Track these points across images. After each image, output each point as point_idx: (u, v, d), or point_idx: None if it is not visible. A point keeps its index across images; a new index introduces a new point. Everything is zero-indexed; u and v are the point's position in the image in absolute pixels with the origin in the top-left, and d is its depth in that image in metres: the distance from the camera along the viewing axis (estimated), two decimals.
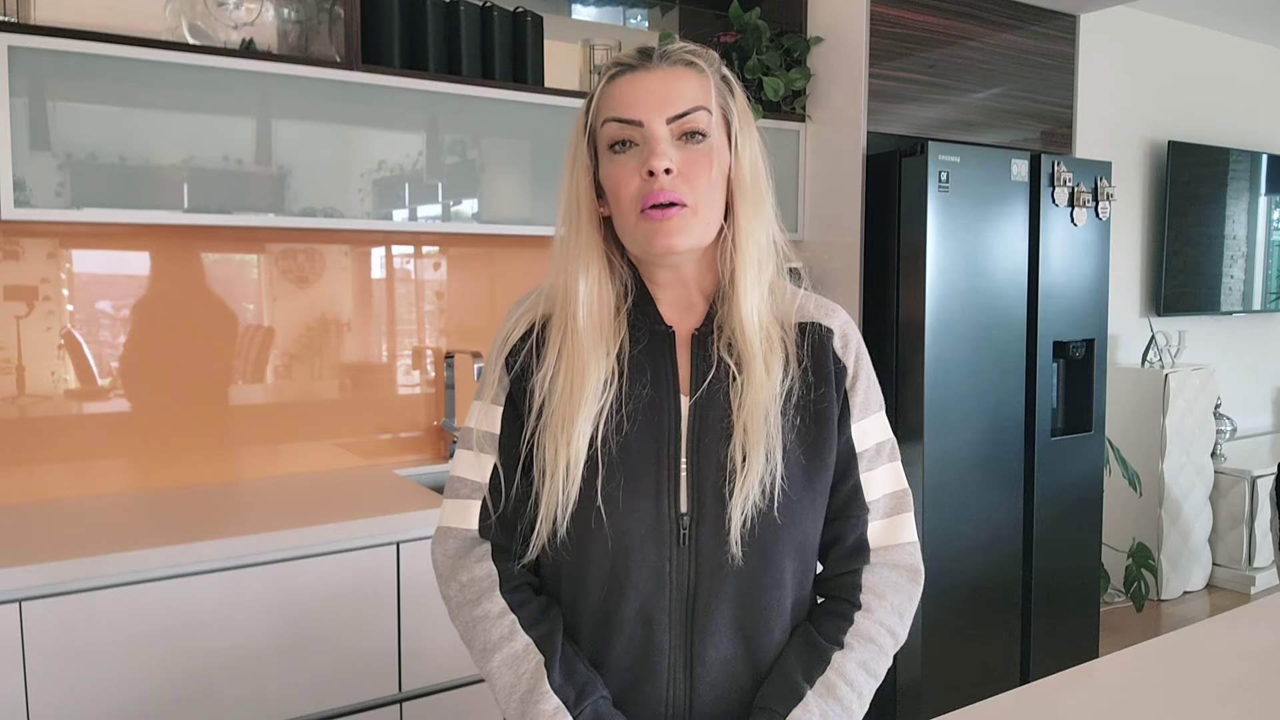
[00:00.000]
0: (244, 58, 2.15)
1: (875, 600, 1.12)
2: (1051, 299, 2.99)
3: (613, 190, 1.06)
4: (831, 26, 2.93)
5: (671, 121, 1.04)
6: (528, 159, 2.60)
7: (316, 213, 2.26)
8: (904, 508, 1.16)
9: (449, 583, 1.13)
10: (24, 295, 2.19)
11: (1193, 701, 1.29)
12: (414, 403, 2.71)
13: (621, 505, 1.05)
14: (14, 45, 1.89)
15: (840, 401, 1.12)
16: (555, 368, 1.07)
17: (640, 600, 1.06)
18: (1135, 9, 4.17)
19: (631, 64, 1.06)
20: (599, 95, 1.07)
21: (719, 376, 1.08)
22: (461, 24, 2.44)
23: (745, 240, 1.07)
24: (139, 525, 2.05)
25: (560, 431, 1.05)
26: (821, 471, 1.10)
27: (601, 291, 1.08)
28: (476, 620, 1.09)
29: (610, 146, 1.05)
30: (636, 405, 1.07)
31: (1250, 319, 5.03)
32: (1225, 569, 4.53)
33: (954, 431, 2.81)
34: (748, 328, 1.07)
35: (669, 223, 1.02)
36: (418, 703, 2.09)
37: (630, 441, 1.06)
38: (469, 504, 1.13)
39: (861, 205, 2.86)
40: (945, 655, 2.87)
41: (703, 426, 1.07)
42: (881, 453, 1.15)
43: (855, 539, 1.13)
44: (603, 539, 1.05)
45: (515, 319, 1.14)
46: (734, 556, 1.04)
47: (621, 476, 1.05)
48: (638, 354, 1.09)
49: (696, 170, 1.04)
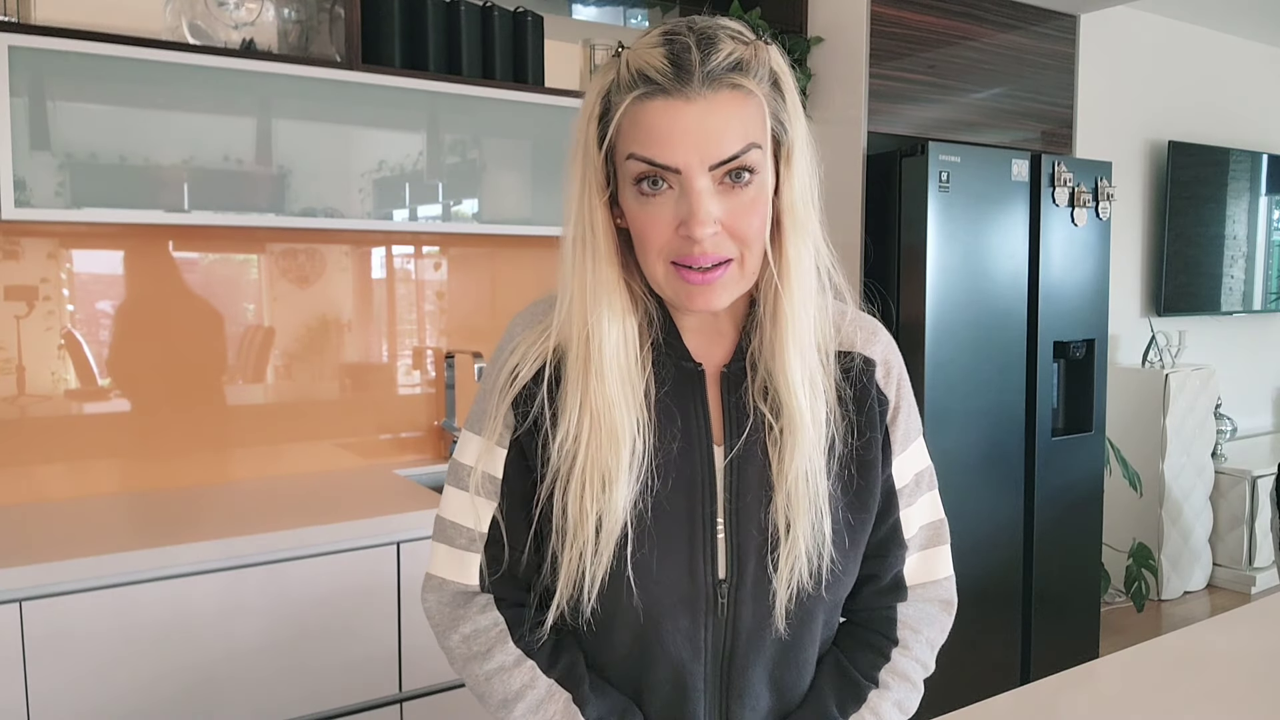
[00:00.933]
0: (244, 58, 2.15)
1: (912, 636, 1.06)
2: (1052, 299, 2.99)
3: (637, 233, 0.90)
4: (832, 27, 2.93)
5: (716, 168, 0.86)
6: (528, 159, 2.60)
7: (317, 213, 2.26)
8: (940, 539, 1.09)
9: (449, 635, 1.02)
10: (24, 295, 2.19)
11: (1193, 702, 1.29)
12: (414, 403, 2.71)
13: (654, 572, 0.94)
14: (14, 45, 1.89)
15: (882, 438, 1.02)
16: (579, 422, 0.93)
17: (673, 667, 0.97)
18: (1135, 9, 4.17)
19: (664, 85, 0.86)
20: (622, 115, 0.88)
21: (756, 428, 0.96)
22: (462, 24, 2.44)
23: (794, 277, 0.93)
24: (139, 525, 2.05)
25: (589, 496, 0.92)
26: (865, 524, 1.01)
27: (626, 330, 0.94)
28: (491, 675, 0.98)
29: (635, 182, 0.88)
30: (667, 459, 0.95)
31: (1251, 319, 5.03)
32: (1226, 569, 4.53)
33: (954, 431, 2.81)
34: (791, 375, 0.94)
35: (711, 285, 0.89)
36: (418, 703, 2.09)
37: (662, 501, 0.94)
38: (466, 556, 1.01)
39: (862, 205, 2.86)
40: (945, 655, 2.85)
41: (741, 484, 0.96)
42: (921, 484, 1.07)
43: (892, 578, 1.06)
44: (632, 609, 0.95)
45: (523, 351, 0.99)
46: (779, 631, 0.96)
47: (654, 542, 0.94)
48: (664, 396, 0.97)
49: (745, 220, 0.88)
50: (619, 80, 0.89)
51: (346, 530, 2.00)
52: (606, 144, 0.90)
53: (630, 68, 0.88)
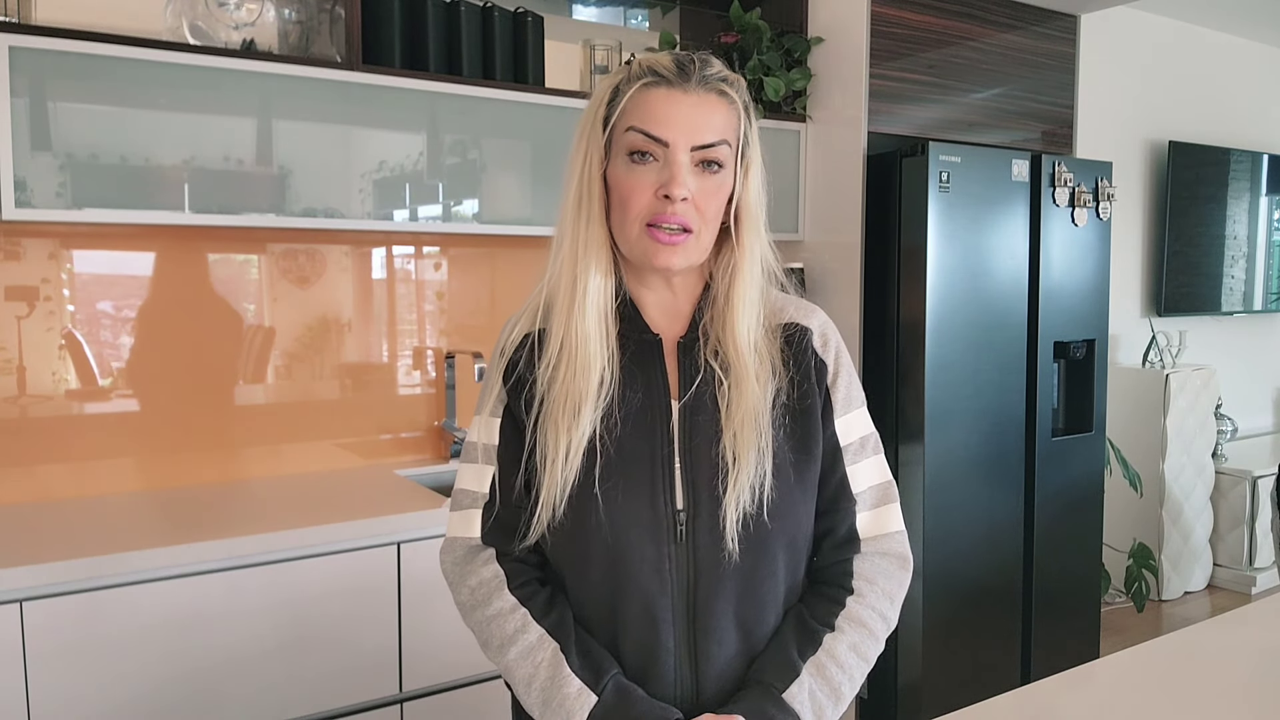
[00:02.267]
0: (245, 58, 2.15)
1: (867, 585, 1.16)
2: (1052, 299, 2.99)
3: (621, 196, 1.09)
4: (832, 27, 2.93)
5: (695, 150, 1.07)
6: (528, 159, 2.60)
7: (317, 213, 2.27)
8: (890, 498, 1.21)
9: (459, 588, 1.16)
10: (25, 295, 2.19)
11: (1193, 702, 1.29)
12: (414, 403, 2.71)
13: (619, 501, 1.08)
14: (14, 45, 1.89)
15: (822, 397, 1.16)
16: (558, 359, 1.10)
17: (643, 598, 1.09)
18: (1135, 9, 4.17)
19: (668, 77, 1.07)
20: (628, 99, 1.08)
21: (706, 381, 1.12)
22: (462, 24, 2.44)
23: (747, 263, 1.13)
24: (140, 525, 2.05)
25: (562, 418, 1.08)
26: (809, 465, 1.14)
27: (606, 282, 1.12)
28: (489, 619, 1.12)
29: (629, 153, 1.08)
30: (629, 409, 1.11)
31: (1251, 319, 5.03)
32: (1226, 569, 4.52)
33: (954, 432, 2.81)
34: (742, 343, 1.11)
35: (674, 246, 1.07)
36: (418, 703, 2.09)
37: (625, 441, 1.10)
38: (471, 513, 1.17)
39: (862, 205, 2.86)
40: (945, 655, 2.86)
41: (693, 428, 1.11)
42: (866, 446, 1.19)
43: (846, 530, 1.18)
44: (601, 534, 1.08)
45: (511, 330, 1.17)
46: (730, 553, 1.08)
47: (619, 474, 1.09)
48: (628, 361, 1.13)
49: (708, 200, 1.08)
50: (630, 74, 1.10)
51: (346, 530, 2.00)
52: (610, 125, 1.09)
53: (641, 65, 1.10)
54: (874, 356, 2.89)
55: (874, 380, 2.87)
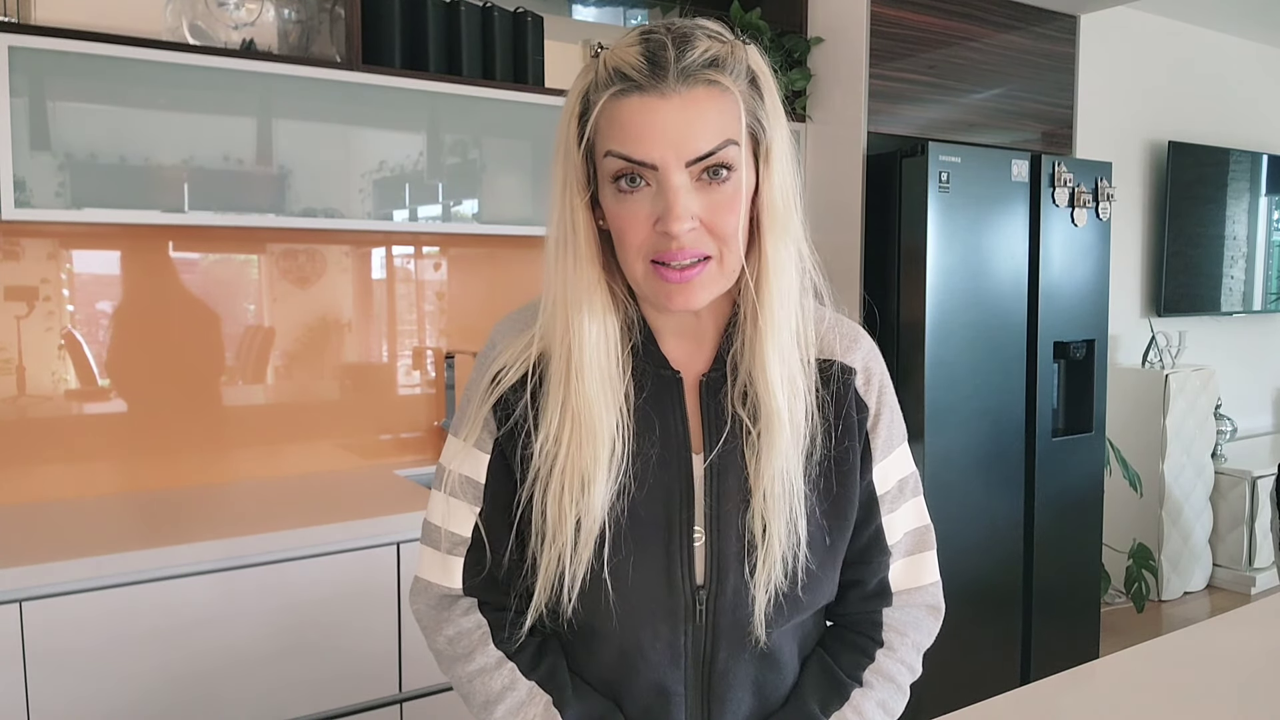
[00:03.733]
0: (244, 58, 2.15)
1: (898, 638, 1.06)
2: (1052, 299, 2.99)
3: (617, 231, 0.90)
4: (832, 27, 2.93)
5: (692, 164, 0.86)
6: (528, 159, 2.60)
7: (317, 213, 2.26)
8: (926, 545, 1.09)
9: (435, 636, 1.03)
10: (24, 295, 2.19)
11: (1193, 702, 1.29)
12: (414, 403, 2.71)
13: (631, 579, 0.94)
14: (14, 45, 1.89)
15: (862, 445, 1.02)
16: (560, 424, 0.93)
17: (654, 674, 0.98)
18: (1135, 9, 4.17)
19: (639, 81, 0.86)
20: (599, 113, 0.87)
21: (734, 434, 0.96)
22: (462, 24, 2.44)
23: (773, 275, 0.92)
24: (139, 526, 2.05)
25: (567, 497, 0.92)
26: (844, 530, 1.01)
27: (607, 330, 0.93)
28: (472, 676, 0.99)
29: (614, 180, 0.88)
30: (645, 465, 0.95)
31: (1251, 319, 5.03)
32: (1226, 570, 4.52)
33: (954, 432, 2.81)
34: (771, 377, 0.93)
35: (690, 283, 0.88)
36: (418, 703, 2.09)
37: (638, 507, 0.95)
38: (448, 560, 1.02)
39: (862, 206, 2.86)
40: (945, 655, 2.86)
41: (720, 491, 0.96)
42: (904, 490, 1.06)
43: (877, 583, 1.06)
44: (611, 621, 0.95)
45: (508, 357, 0.99)
46: (758, 638, 0.97)
47: (630, 549, 0.94)
48: (643, 403, 0.96)
49: (723, 216, 0.88)
50: (597, 79, 0.89)
51: (346, 530, 2.00)
52: (585, 143, 0.90)
53: (607, 66, 0.88)
54: None
55: None
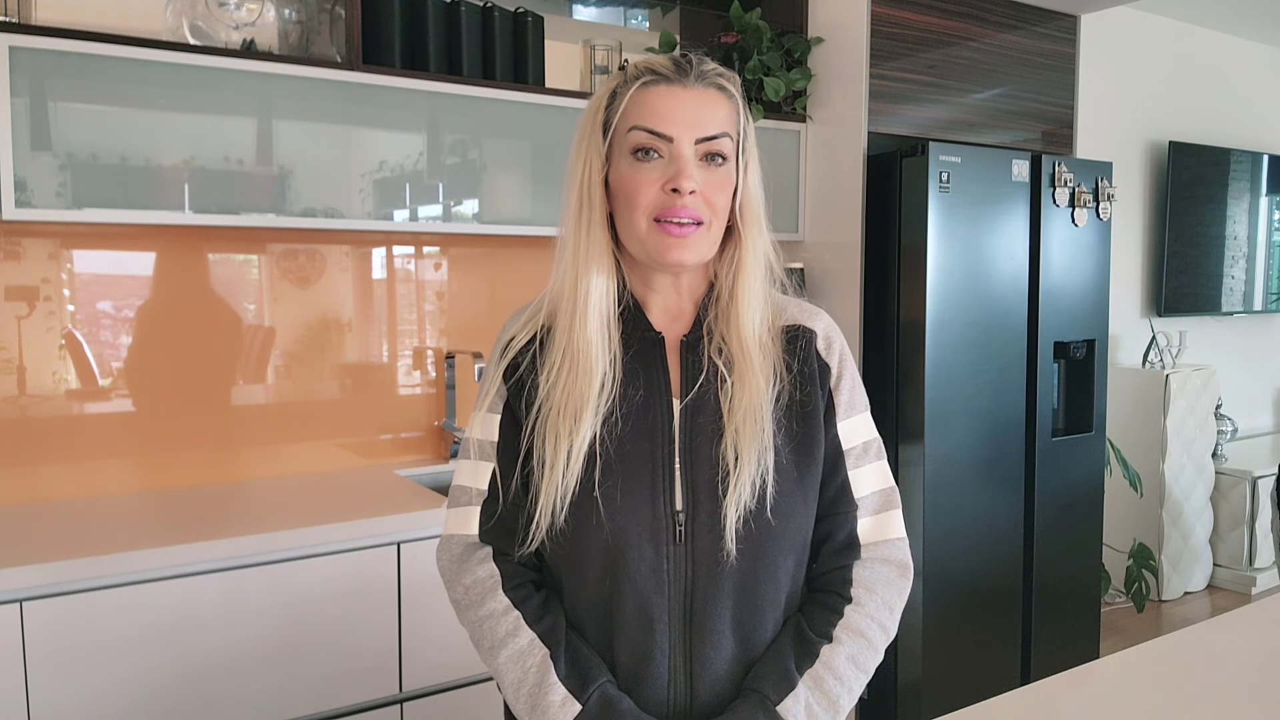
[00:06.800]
0: (245, 58, 2.15)
1: (866, 594, 1.14)
2: (1052, 299, 2.99)
3: (627, 195, 1.08)
4: (832, 27, 2.93)
5: (699, 143, 1.07)
6: (528, 159, 2.60)
7: (317, 213, 2.27)
8: (892, 504, 1.20)
9: (454, 586, 1.16)
10: (25, 295, 2.19)
11: (1193, 702, 1.29)
12: (415, 403, 2.71)
13: (619, 502, 1.08)
14: (14, 45, 1.89)
15: (825, 400, 1.16)
16: (560, 364, 1.10)
17: (639, 599, 1.08)
18: (1135, 9, 4.17)
19: (667, 75, 1.09)
20: (629, 99, 1.09)
21: (709, 380, 1.12)
22: (462, 24, 2.44)
23: (750, 257, 1.13)
24: (140, 525, 2.05)
25: (562, 423, 1.08)
26: (811, 468, 1.13)
27: (609, 287, 1.12)
28: (482, 620, 1.12)
29: (633, 152, 1.08)
30: (631, 408, 1.11)
31: (1251, 319, 5.03)
32: (1226, 570, 4.52)
33: (954, 432, 2.81)
34: (746, 338, 1.11)
35: (686, 239, 1.07)
36: (418, 703, 2.09)
37: (625, 441, 1.09)
38: (469, 510, 1.17)
39: (862, 205, 2.86)
40: (945, 655, 2.86)
41: (694, 428, 1.11)
42: (869, 451, 1.19)
43: (846, 535, 1.17)
44: (601, 535, 1.08)
45: (517, 327, 1.17)
46: (729, 554, 1.07)
47: (619, 475, 1.08)
48: (630, 359, 1.13)
49: (716, 192, 1.09)
50: (627, 76, 1.11)
51: (346, 530, 2.00)
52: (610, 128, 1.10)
53: (638, 66, 1.11)
54: (874, 356, 2.89)
55: (874, 380, 2.87)
